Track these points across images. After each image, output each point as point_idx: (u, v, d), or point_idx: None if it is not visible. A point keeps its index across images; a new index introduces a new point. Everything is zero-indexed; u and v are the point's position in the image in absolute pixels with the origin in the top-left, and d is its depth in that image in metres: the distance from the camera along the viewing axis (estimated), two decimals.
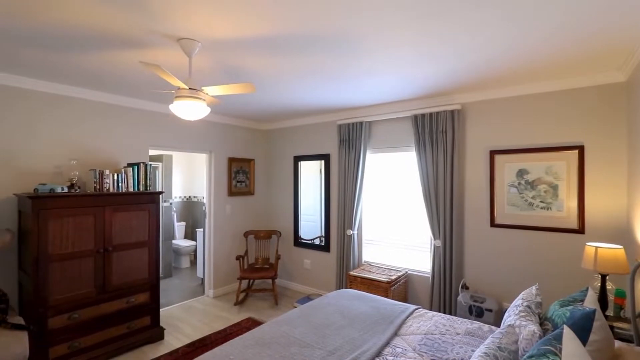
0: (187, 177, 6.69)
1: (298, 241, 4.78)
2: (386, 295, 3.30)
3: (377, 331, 2.22)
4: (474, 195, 3.34)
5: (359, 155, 3.97)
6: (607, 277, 2.30)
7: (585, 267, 2.30)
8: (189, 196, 6.71)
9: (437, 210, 3.43)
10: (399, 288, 3.53)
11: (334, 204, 4.39)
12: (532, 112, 3.03)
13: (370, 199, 4.17)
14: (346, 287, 3.98)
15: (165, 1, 1.64)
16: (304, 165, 4.77)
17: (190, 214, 6.69)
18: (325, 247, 4.46)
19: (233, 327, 3.52)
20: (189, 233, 6.59)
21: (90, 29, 1.93)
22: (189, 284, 5.10)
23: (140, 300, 3.13)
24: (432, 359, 1.89)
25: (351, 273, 3.68)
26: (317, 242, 4.57)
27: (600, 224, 2.73)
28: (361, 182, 3.98)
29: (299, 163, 4.79)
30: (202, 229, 4.81)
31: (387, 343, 2.09)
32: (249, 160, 4.93)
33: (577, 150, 2.82)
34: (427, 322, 2.38)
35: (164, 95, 3.40)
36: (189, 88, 2.13)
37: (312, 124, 4.61)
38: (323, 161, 4.51)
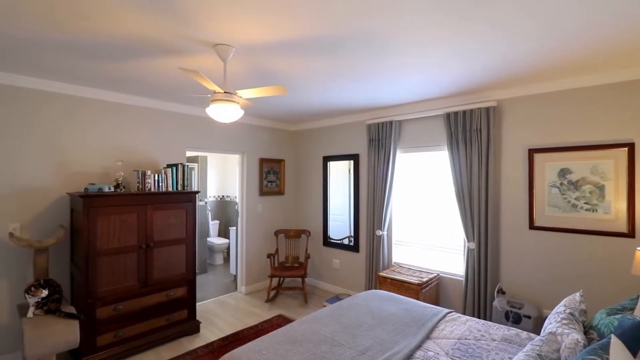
0: (221, 177, 6.94)
1: (327, 241, 4.81)
2: (417, 298, 3.25)
3: (408, 333, 2.20)
4: (510, 196, 3.20)
5: (389, 154, 3.93)
6: None
7: (635, 273, 2.15)
8: (222, 196, 6.96)
9: (471, 212, 3.32)
10: (430, 291, 3.46)
11: (363, 204, 4.38)
12: (575, 108, 2.86)
13: (400, 199, 4.11)
14: (375, 288, 3.96)
15: (203, 10, 1.72)
16: (333, 166, 4.79)
17: (224, 213, 6.93)
18: (355, 247, 4.45)
19: (264, 323, 3.62)
20: (222, 231, 6.83)
21: (140, 40, 2.06)
22: (222, 280, 5.29)
23: (179, 294, 3.30)
24: None
25: (381, 274, 3.65)
26: (346, 242, 4.58)
27: None
28: (391, 182, 3.93)
29: (328, 163, 4.82)
30: (234, 228, 4.98)
31: (419, 346, 2.06)
32: (280, 160, 5.03)
33: (626, 148, 2.63)
34: (460, 326, 2.32)
35: (200, 99, 3.55)
36: (224, 92, 2.22)
37: (341, 124, 4.63)
38: (352, 161, 4.51)
